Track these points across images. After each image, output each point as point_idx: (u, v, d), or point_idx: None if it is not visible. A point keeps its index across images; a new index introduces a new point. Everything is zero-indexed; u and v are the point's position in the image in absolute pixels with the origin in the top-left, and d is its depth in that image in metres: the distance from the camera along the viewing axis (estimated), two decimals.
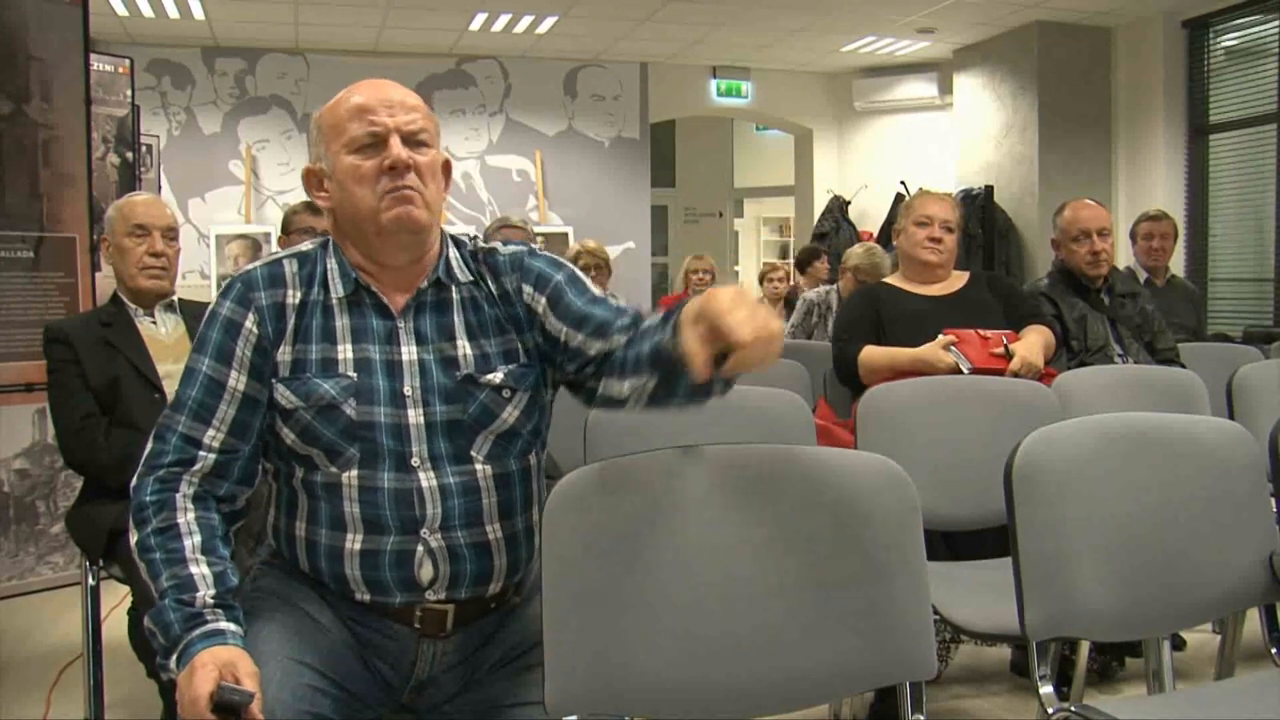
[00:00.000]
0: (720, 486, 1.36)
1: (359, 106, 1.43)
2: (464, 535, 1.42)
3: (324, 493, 1.42)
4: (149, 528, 1.36)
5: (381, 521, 1.40)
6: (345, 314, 1.45)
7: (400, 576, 1.40)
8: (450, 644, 1.46)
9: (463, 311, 1.48)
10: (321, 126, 1.47)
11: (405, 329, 1.45)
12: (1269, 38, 6.39)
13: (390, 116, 1.42)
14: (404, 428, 1.41)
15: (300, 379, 1.41)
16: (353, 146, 1.42)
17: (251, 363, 1.41)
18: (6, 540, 3.61)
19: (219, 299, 1.45)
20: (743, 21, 7.16)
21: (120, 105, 4.78)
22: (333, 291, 1.45)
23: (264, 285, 1.44)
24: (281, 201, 7.18)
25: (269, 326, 1.42)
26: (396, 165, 1.40)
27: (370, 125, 1.42)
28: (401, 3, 6.57)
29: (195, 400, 1.41)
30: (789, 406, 2.33)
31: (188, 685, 1.25)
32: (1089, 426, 1.63)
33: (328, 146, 1.45)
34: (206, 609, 1.32)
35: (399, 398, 1.42)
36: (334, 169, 1.44)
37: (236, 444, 1.42)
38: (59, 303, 3.61)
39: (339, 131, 1.43)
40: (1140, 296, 3.34)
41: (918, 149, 8.56)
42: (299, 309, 1.44)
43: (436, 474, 1.41)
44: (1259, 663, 1.87)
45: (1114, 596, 1.55)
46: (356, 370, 1.42)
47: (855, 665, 1.38)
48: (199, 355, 1.43)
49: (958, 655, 2.78)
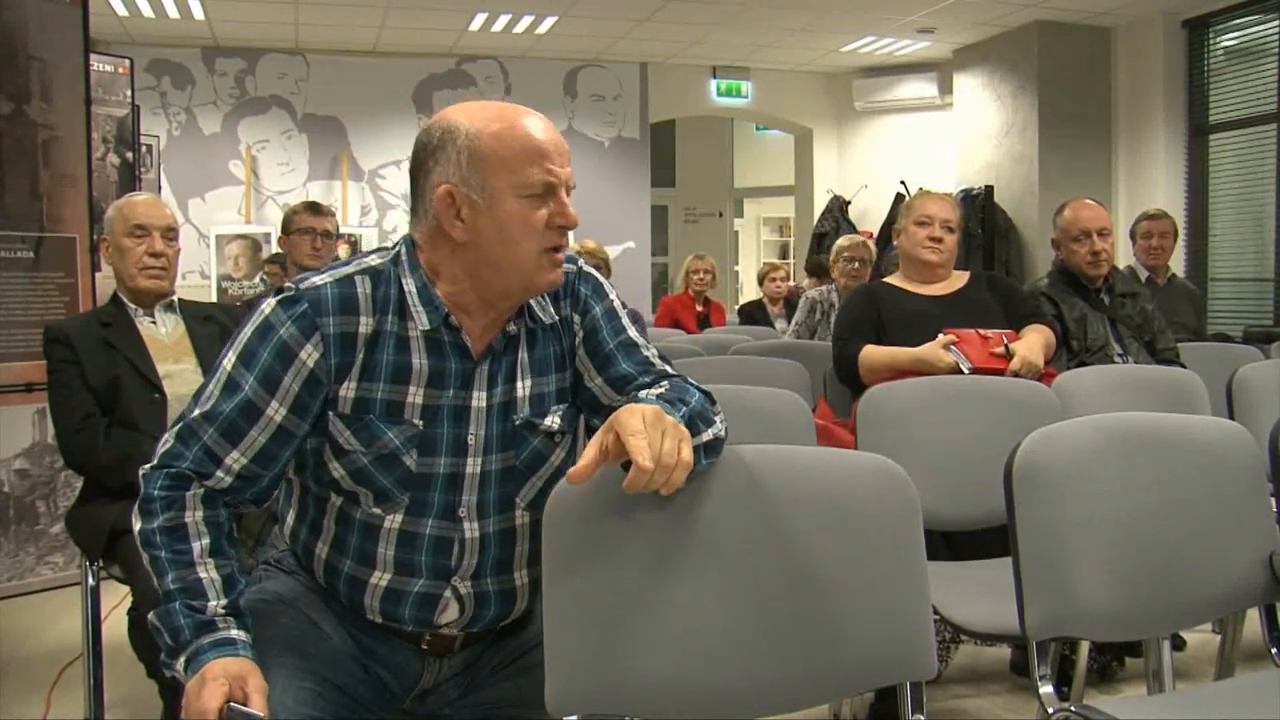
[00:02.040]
0: (720, 486, 1.36)
1: (538, 148, 1.30)
2: (494, 582, 1.40)
3: (359, 529, 1.37)
4: (155, 521, 1.31)
5: (414, 566, 1.37)
6: (422, 353, 1.33)
7: (420, 615, 1.39)
8: (455, 660, 1.45)
9: (529, 348, 1.39)
10: (479, 151, 1.29)
11: (480, 373, 1.35)
12: (1269, 38, 6.39)
13: (562, 167, 1.32)
14: (460, 477, 1.36)
15: (362, 420, 1.32)
16: (525, 191, 1.29)
17: (297, 397, 1.31)
18: (6, 540, 3.61)
19: (278, 310, 1.31)
20: (743, 21, 7.16)
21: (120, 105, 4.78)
22: (415, 322, 1.32)
23: (334, 310, 1.30)
24: (281, 201, 7.18)
25: (332, 360, 1.30)
26: (569, 226, 1.32)
27: (549, 175, 1.30)
28: (401, 3, 6.58)
29: (228, 419, 1.31)
30: (789, 406, 2.33)
31: (197, 696, 1.23)
32: (1089, 426, 1.63)
33: (488, 178, 1.29)
34: (218, 617, 1.29)
35: (462, 447, 1.35)
36: (492, 205, 1.29)
37: (258, 471, 1.34)
38: (59, 303, 3.61)
39: (509, 169, 1.29)
40: (1140, 296, 3.34)
41: (918, 149, 8.57)
42: (370, 340, 1.31)
43: (480, 524, 1.37)
44: (1259, 663, 1.87)
45: (1114, 596, 1.55)
46: (423, 417, 1.33)
47: (855, 665, 1.38)
48: (245, 370, 1.31)
49: (958, 655, 2.79)
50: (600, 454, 1.19)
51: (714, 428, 1.33)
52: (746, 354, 3.57)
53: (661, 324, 5.96)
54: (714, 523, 1.35)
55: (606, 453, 1.19)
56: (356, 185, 7.69)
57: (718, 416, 1.36)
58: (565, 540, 1.31)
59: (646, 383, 1.40)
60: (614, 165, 8.26)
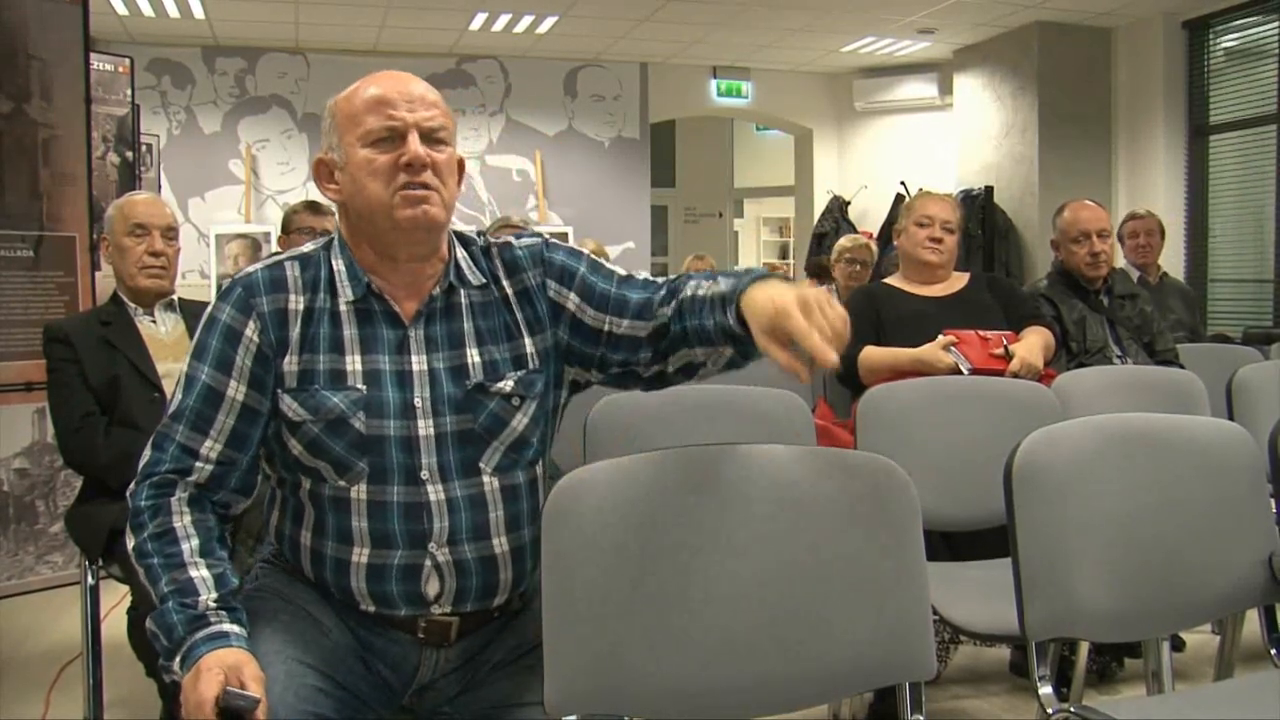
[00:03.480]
0: (720, 486, 1.36)
1: (377, 98, 1.39)
2: (471, 549, 1.41)
3: (331, 506, 1.40)
4: (145, 533, 1.35)
5: (390, 536, 1.39)
6: (354, 323, 1.41)
7: (406, 590, 1.40)
8: (453, 650, 1.46)
9: (472, 317, 1.45)
10: (336, 116, 1.42)
11: (416, 338, 1.42)
12: (1269, 38, 6.39)
13: (410, 112, 1.39)
14: (413, 440, 1.39)
15: (308, 391, 1.38)
16: (368, 139, 1.38)
17: (252, 372, 1.38)
18: (6, 539, 3.61)
19: (218, 303, 1.41)
20: (743, 21, 7.16)
21: (120, 104, 4.78)
22: (341, 295, 1.41)
23: (266, 290, 1.40)
24: (281, 201, 7.17)
25: (271, 335, 1.38)
26: (414, 163, 1.37)
27: (389, 119, 1.38)
28: (401, 3, 6.57)
29: (193, 410, 1.38)
30: (789, 406, 2.33)
31: (193, 688, 1.24)
32: (1089, 427, 1.63)
33: (341, 137, 1.41)
34: (210, 611, 1.31)
35: (409, 409, 1.39)
36: (347, 161, 1.40)
37: (234, 455, 1.39)
38: (59, 302, 3.61)
39: (355, 123, 1.39)
40: (1139, 298, 3.34)
41: (918, 149, 8.56)
42: (304, 316, 1.40)
43: (445, 487, 1.39)
44: (1258, 663, 1.87)
45: (1114, 597, 1.55)
46: (366, 382, 1.38)
47: (855, 665, 1.38)
48: (198, 363, 1.39)
49: (957, 655, 2.79)
50: (786, 351, 1.23)
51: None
52: None
53: None
54: (714, 523, 1.35)
55: (786, 346, 1.23)
56: None
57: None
58: (565, 540, 1.31)
59: (664, 296, 1.43)
60: (614, 165, 8.25)
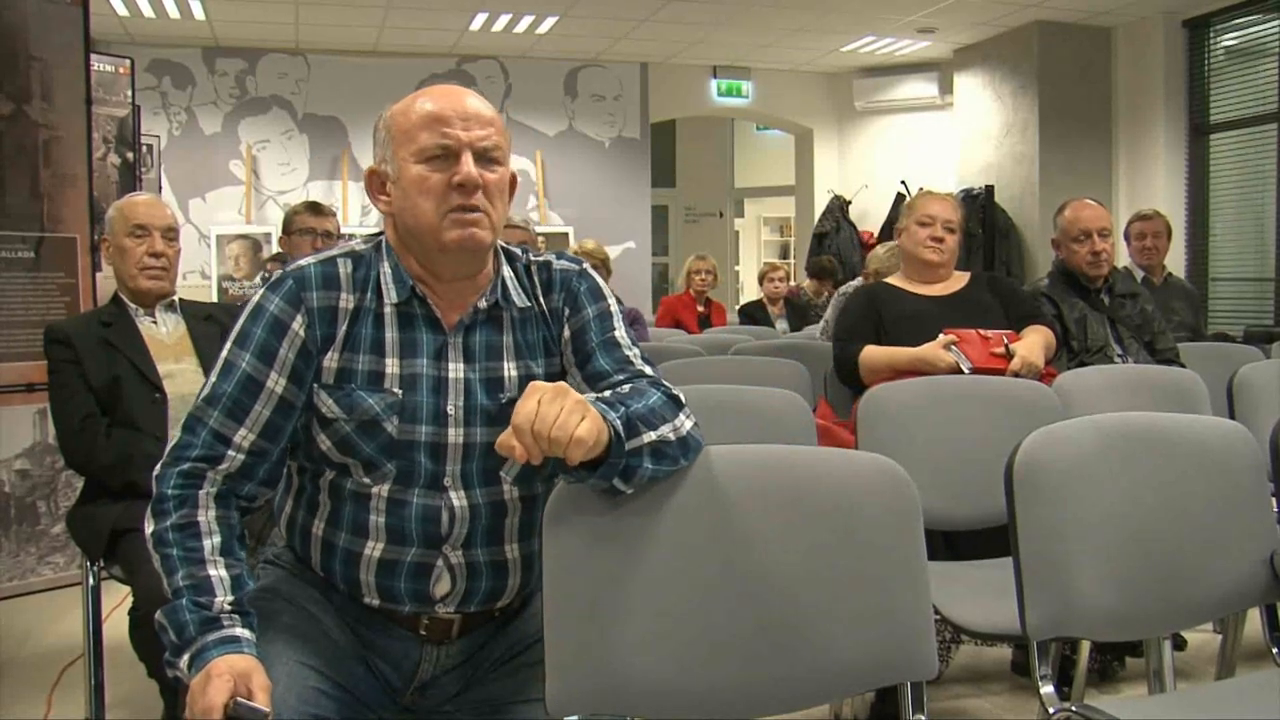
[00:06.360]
0: (720, 487, 1.36)
1: (433, 115, 1.37)
2: (484, 553, 1.41)
3: (350, 499, 1.40)
4: (168, 520, 1.33)
5: (406, 535, 1.39)
6: (395, 326, 1.40)
7: (415, 588, 1.40)
8: (454, 648, 1.46)
9: (513, 331, 1.44)
10: (390, 128, 1.40)
11: (455, 345, 1.41)
12: (1269, 38, 6.40)
13: (465, 130, 1.37)
14: (443, 447, 1.39)
15: (344, 390, 1.38)
16: (421, 156, 1.37)
17: (293, 366, 1.37)
18: (7, 540, 3.61)
19: (266, 292, 1.39)
20: (743, 21, 7.16)
21: (121, 105, 4.78)
22: (386, 298, 1.40)
23: (317, 285, 1.39)
24: (282, 202, 7.18)
25: (318, 330, 1.38)
26: (466, 183, 1.35)
27: (443, 137, 1.36)
28: (401, 3, 6.58)
29: (231, 397, 1.37)
30: (789, 406, 2.33)
31: (202, 692, 1.24)
32: (1089, 426, 1.63)
33: (395, 150, 1.39)
34: (224, 614, 1.30)
35: (441, 416, 1.39)
36: (399, 175, 1.39)
37: (266, 446, 1.38)
38: (60, 303, 3.61)
39: (408, 138, 1.38)
40: (1140, 297, 3.34)
41: (918, 149, 8.57)
42: (352, 315, 1.39)
43: (466, 494, 1.40)
44: (1260, 663, 1.87)
45: (1114, 596, 1.55)
46: (402, 386, 1.38)
47: (855, 665, 1.38)
48: (240, 350, 1.37)
49: (958, 655, 2.78)
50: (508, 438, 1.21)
51: (659, 431, 1.29)
52: (747, 354, 3.57)
53: (662, 324, 5.96)
54: (714, 522, 1.35)
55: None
56: (357, 185, 7.66)
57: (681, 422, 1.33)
58: (565, 540, 1.31)
59: (619, 381, 1.40)
60: (614, 165, 8.25)
